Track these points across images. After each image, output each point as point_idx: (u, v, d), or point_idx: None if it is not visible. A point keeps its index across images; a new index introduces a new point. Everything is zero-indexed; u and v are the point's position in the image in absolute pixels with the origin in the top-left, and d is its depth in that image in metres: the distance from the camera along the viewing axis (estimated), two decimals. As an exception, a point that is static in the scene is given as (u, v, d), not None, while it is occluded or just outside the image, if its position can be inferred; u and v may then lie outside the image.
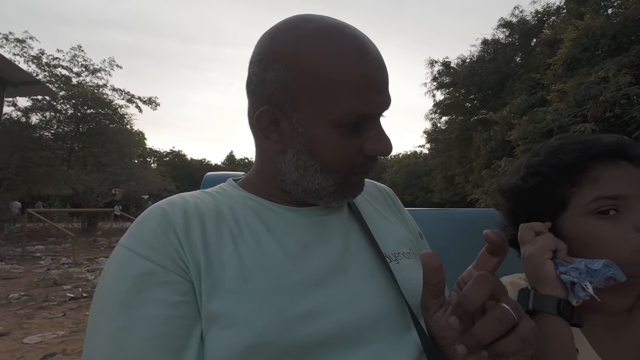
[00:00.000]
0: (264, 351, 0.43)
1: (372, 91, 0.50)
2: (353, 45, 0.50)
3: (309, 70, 0.49)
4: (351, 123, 0.50)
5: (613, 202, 0.57)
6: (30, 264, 7.32)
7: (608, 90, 7.80)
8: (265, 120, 0.53)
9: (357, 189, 0.58)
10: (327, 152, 0.52)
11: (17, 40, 12.59)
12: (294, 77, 0.49)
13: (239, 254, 0.49)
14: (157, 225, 0.49)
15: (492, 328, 0.38)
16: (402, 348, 0.49)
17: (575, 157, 0.61)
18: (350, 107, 0.49)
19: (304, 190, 0.55)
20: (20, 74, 7.26)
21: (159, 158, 44.91)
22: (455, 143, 17.76)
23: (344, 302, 0.49)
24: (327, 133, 0.51)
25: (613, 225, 0.57)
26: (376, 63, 0.51)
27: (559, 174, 0.62)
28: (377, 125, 0.54)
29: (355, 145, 0.52)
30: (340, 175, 0.54)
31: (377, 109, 0.52)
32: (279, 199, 0.58)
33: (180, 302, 0.45)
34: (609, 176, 0.58)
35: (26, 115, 13.46)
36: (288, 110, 0.51)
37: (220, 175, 0.88)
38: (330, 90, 0.48)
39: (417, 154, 31.63)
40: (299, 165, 0.54)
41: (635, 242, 0.55)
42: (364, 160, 0.54)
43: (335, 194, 0.56)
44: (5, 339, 3.41)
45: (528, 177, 0.66)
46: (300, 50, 0.49)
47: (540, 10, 15.48)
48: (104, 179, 13.78)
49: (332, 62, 0.48)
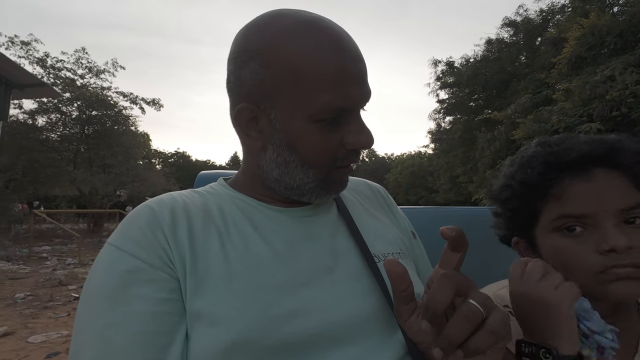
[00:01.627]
0: (247, 349, 0.43)
1: (349, 84, 0.49)
2: (328, 39, 0.49)
3: (284, 66, 0.48)
4: (329, 117, 0.50)
5: (577, 221, 0.55)
6: (36, 264, 7.39)
7: (614, 89, 7.73)
8: (244, 117, 0.53)
9: (340, 185, 0.57)
10: (306, 147, 0.51)
11: (22, 43, 12.72)
12: (269, 73, 0.49)
13: (225, 252, 0.49)
14: (144, 224, 0.49)
15: (460, 327, 0.38)
16: (387, 348, 0.49)
17: (541, 171, 0.58)
18: (328, 101, 0.48)
19: (286, 187, 0.55)
20: (26, 76, 7.34)
21: (163, 159, 45.24)
22: (459, 143, 17.67)
23: (330, 302, 0.48)
24: (305, 128, 0.50)
25: (577, 244, 0.54)
26: (352, 55, 0.50)
27: (526, 189, 0.60)
28: (357, 118, 0.53)
29: (335, 139, 0.52)
30: (322, 171, 0.54)
31: (355, 101, 0.51)
32: (266, 197, 0.58)
33: (167, 299, 0.46)
34: (574, 192, 0.55)
35: (32, 117, 13.60)
36: (266, 107, 0.51)
37: (214, 174, 0.89)
38: (306, 85, 0.48)
39: (421, 154, 31.55)
40: (280, 162, 0.53)
41: (595, 265, 0.53)
42: (345, 154, 0.53)
43: (317, 189, 0.55)
44: (10, 338, 3.44)
45: (502, 188, 0.64)
46: (275, 45, 0.49)
47: (545, 8, 15.37)
48: (110, 180, 13.88)
49: (308, 57, 0.48)
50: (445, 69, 18.30)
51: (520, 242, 0.64)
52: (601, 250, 0.52)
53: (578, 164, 0.56)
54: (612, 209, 0.53)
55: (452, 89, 18.31)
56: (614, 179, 0.54)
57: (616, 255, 0.52)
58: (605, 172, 0.55)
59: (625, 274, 0.52)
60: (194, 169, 45.29)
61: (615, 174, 0.55)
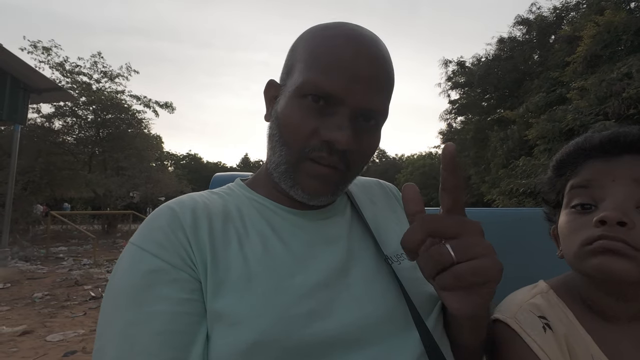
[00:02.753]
0: (267, 350, 0.44)
1: (344, 74, 0.50)
2: (347, 34, 0.52)
3: (299, 52, 0.55)
4: (311, 94, 0.51)
5: (587, 193, 0.54)
6: (53, 265, 7.55)
7: (631, 87, 7.54)
8: (269, 93, 0.60)
9: (310, 183, 0.54)
10: (285, 121, 0.53)
11: (44, 48, 13.06)
12: (290, 56, 0.57)
13: (244, 254, 0.50)
14: (166, 224, 0.50)
15: (425, 263, 0.39)
16: (404, 348, 0.49)
17: (568, 153, 0.60)
18: (315, 79, 0.50)
19: (273, 167, 0.57)
20: (43, 81, 7.52)
21: (175, 161, 45.76)
22: (471, 143, 17.44)
23: (347, 303, 0.49)
24: (290, 101, 0.53)
25: (580, 219, 0.53)
26: (365, 56, 0.51)
27: (557, 169, 0.62)
28: (343, 114, 0.51)
29: (313, 124, 0.51)
30: (293, 152, 0.53)
31: (345, 93, 0.50)
32: (283, 197, 0.59)
33: (188, 299, 0.46)
34: (591, 167, 0.56)
35: (49, 121, 13.92)
36: (282, 85, 0.57)
37: (228, 176, 0.90)
38: (304, 62, 0.53)
39: (432, 155, 31.22)
40: (269, 135, 0.57)
41: (585, 235, 0.51)
42: (317, 145, 0.52)
43: (287, 175, 0.54)
44: (30, 337, 3.52)
45: (542, 182, 0.66)
46: (300, 38, 0.57)
47: (558, 6, 15.10)
48: (123, 182, 14.10)
49: (316, 42, 0.53)
50: (456, 69, 18.11)
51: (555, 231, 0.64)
52: (595, 222, 0.50)
53: (603, 147, 0.55)
54: (620, 179, 0.51)
55: (463, 89, 18.11)
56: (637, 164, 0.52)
57: (608, 227, 0.49)
58: (633, 157, 0.53)
59: (612, 246, 0.48)
60: (205, 170, 45.74)
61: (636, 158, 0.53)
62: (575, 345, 0.56)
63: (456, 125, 20.28)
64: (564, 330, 0.56)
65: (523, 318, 0.57)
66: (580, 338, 0.56)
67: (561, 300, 0.60)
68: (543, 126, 9.45)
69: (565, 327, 0.57)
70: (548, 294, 0.61)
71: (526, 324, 0.56)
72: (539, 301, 0.60)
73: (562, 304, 0.59)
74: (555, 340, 0.55)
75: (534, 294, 0.62)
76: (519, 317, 0.57)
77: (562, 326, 0.57)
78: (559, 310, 0.59)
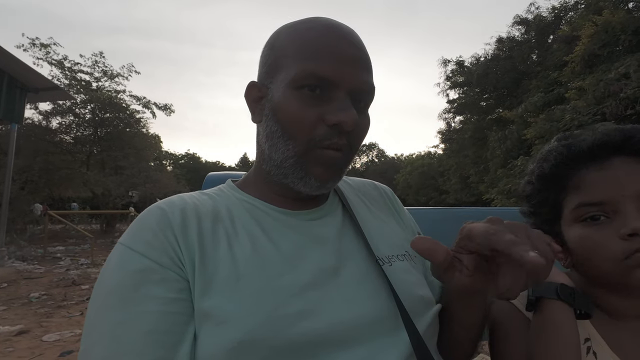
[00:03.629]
0: (254, 349, 0.44)
1: (334, 58, 0.52)
2: (324, 23, 0.55)
3: (281, 46, 0.55)
4: (309, 84, 0.51)
5: (598, 208, 0.54)
6: (50, 264, 7.54)
7: (629, 87, 7.58)
8: (251, 95, 0.59)
9: (322, 172, 0.54)
10: (286, 115, 0.53)
11: (42, 45, 13.00)
12: (271, 54, 0.56)
13: (233, 254, 0.50)
14: (155, 224, 0.50)
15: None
16: (392, 349, 0.49)
17: (556, 164, 0.59)
18: (309, 67, 0.51)
19: (274, 164, 0.56)
20: (40, 80, 7.50)
21: (174, 161, 45.74)
22: (469, 143, 17.50)
23: (336, 304, 0.49)
24: (287, 95, 0.53)
25: (598, 232, 0.54)
26: (347, 40, 0.54)
27: (544, 183, 0.61)
28: (342, 97, 0.52)
29: (315, 112, 0.52)
30: (300, 144, 0.53)
31: (340, 76, 0.51)
32: (275, 197, 0.59)
33: (176, 299, 0.46)
34: (591, 181, 0.55)
35: (47, 119, 13.89)
36: (267, 84, 0.57)
37: (222, 175, 0.90)
38: (293, 56, 0.53)
39: (431, 155, 31.30)
40: (268, 133, 0.56)
41: (617, 251, 0.52)
42: (325, 132, 0.52)
43: (297, 167, 0.54)
44: (26, 337, 3.52)
45: (525, 186, 0.66)
46: (280, 32, 0.57)
47: (557, 6, 15.14)
48: (122, 182, 14.08)
49: (300, 37, 0.54)
50: (455, 69, 18.16)
51: None
52: (622, 235, 0.51)
53: (592, 153, 0.56)
54: (630, 193, 0.53)
55: (462, 88, 18.16)
56: (630, 165, 0.54)
57: (639, 239, 0.51)
58: (621, 159, 0.55)
59: None
60: (204, 170, 45.71)
61: (631, 160, 0.55)
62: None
63: (455, 125, 20.36)
64: None
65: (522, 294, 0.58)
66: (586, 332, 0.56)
67: None
68: (541, 126, 9.49)
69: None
70: None
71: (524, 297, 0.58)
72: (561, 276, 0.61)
73: None
74: None
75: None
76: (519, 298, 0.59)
77: None
78: None
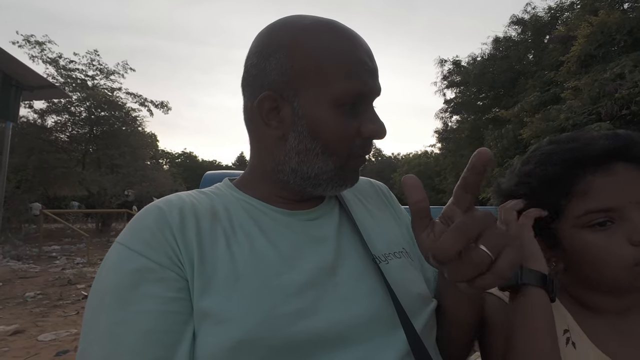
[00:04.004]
0: (253, 348, 0.44)
1: (366, 73, 0.54)
2: (343, 35, 0.55)
3: (308, 55, 0.53)
4: (350, 103, 0.53)
5: (605, 215, 0.54)
6: (46, 264, 7.50)
7: (624, 87, 7.63)
8: (266, 106, 0.55)
9: (354, 176, 0.59)
10: (329, 133, 0.53)
11: (36, 43, 12.87)
12: (294, 63, 0.53)
13: (232, 253, 0.50)
14: (153, 223, 0.50)
15: (467, 271, 0.37)
16: (390, 347, 0.50)
17: (562, 168, 0.58)
18: (349, 86, 0.52)
19: (302, 177, 0.56)
20: (35, 78, 7.44)
21: (170, 159, 45.61)
22: (466, 142, 17.56)
23: (334, 303, 0.49)
24: (328, 114, 0.53)
25: (606, 238, 0.54)
26: (366, 50, 0.55)
27: (547, 187, 0.59)
28: (371, 108, 0.56)
29: (354, 127, 0.54)
30: (341, 159, 0.55)
31: (371, 90, 0.55)
32: (272, 197, 0.59)
33: (175, 298, 0.46)
34: (599, 187, 0.55)
35: (42, 118, 13.78)
36: (289, 96, 0.54)
37: (219, 174, 0.89)
38: (329, 73, 0.52)
39: (428, 154, 31.40)
40: (300, 150, 0.54)
41: (628, 257, 0.52)
42: (361, 143, 0.56)
43: (335, 179, 0.56)
44: (21, 337, 3.50)
45: (519, 186, 0.63)
46: (300, 39, 0.53)
47: (553, 6, 15.22)
48: (118, 181, 14.01)
49: (328, 48, 0.53)
50: (452, 68, 18.21)
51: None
52: (633, 241, 0.52)
53: (599, 158, 0.56)
54: (637, 199, 0.53)
55: (459, 87, 18.21)
56: (632, 171, 0.55)
57: None
58: (623, 165, 0.55)
59: None
60: (200, 169, 45.58)
61: (631, 166, 0.55)
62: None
63: (452, 124, 20.41)
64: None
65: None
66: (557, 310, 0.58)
67: None
68: (537, 125, 9.54)
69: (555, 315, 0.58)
70: None
71: None
72: None
73: None
74: None
75: None
76: None
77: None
78: None
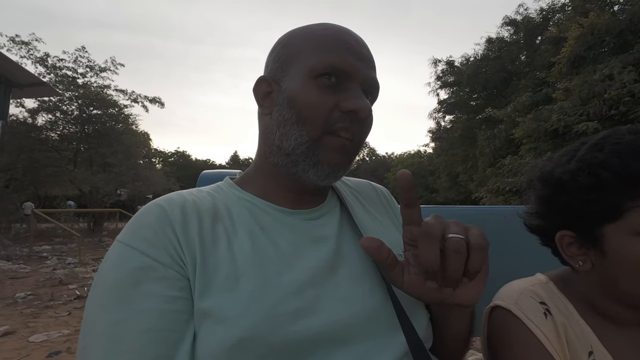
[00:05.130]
0: (253, 347, 0.44)
1: (347, 52, 0.56)
2: (334, 27, 0.59)
3: (295, 43, 0.58)
4: (327, 74, 0.54)
5: None
6: (36, 264, 7.39)
7: (612, 88, 7.74)
8: (261, 89, 0.61)
9: (333, 159, 0.56)
10: (303, 100, 0.55)
11: (22, 43, 12.65)
12: (284, 50, 0.59)
13: (233, 252, 0.50)
14: (155, 222, 0.49)
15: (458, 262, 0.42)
16: (389, 347, 0.50)
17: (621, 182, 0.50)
18: (325, 58, 0.55)
19: (284, 153, 0.57)
20: (25, 75, 7.33)
21: (164, 158, 45.16)
22: (459, 142, 17.68)
23: (333, 302, 0.49)
24: (305, 84, 0.55)
25: None
26: (355, 38, 0.58)
27: (622, 184, 0.50)
28: (355, 88, 0.56)
29: (332, 100, 0.55)
30: (314, 130, 0.54)
31: (354, 69, 0.55)
32: (273, 193, 0.59)
33: (176, 297, 0.46)
34: None
35: (33, 116, 13.57)
36: (279, 78, 0.59)
37: (216, 174, 0.89)
38: (309, 49, 0.56)
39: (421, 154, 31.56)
40: (280, 122, 0.57)
41: None
42: (339, 117, 0.54)
43: (309, 153, 0.55)
44: (12, 338, 3.45)
45: (581, 175, 0.54)
46: (293, 33, 0.60)
47: (545, 7, 15.39)
48: (110, 179, 13.84)
49: (315, 33, 0.58)
50: (445, 68, 18.31)
51: (567, 237, 0.57)
52: None
53: None
54: None
55: (452, 88, 18.32)
56: None
57: None
58: None
59: None
60: (194, 168, 45.24)
61: None
62: (574, 335, 0.57)
63: (445, 124, 20.53)
64: (562, 319, 0.57)
65: (524, 304, 0.58)
66: (580, 329, 0.57)
67: (561, 292, 0.61)
68: (529, 125, 9.64)
69: (565, 317, 0.58)
70: (548, 285, 0.62)
71: (528, 309, 0.57)
72: (538, 290, 0.61)
73: (562, 296, 0.60)
74: (554, 327, 0.57)
75: (533, 283, 0.63)
76: (520, 303, 0.58)
77: (561, 316, 0.58)
78: (558, 300, 0.60)
